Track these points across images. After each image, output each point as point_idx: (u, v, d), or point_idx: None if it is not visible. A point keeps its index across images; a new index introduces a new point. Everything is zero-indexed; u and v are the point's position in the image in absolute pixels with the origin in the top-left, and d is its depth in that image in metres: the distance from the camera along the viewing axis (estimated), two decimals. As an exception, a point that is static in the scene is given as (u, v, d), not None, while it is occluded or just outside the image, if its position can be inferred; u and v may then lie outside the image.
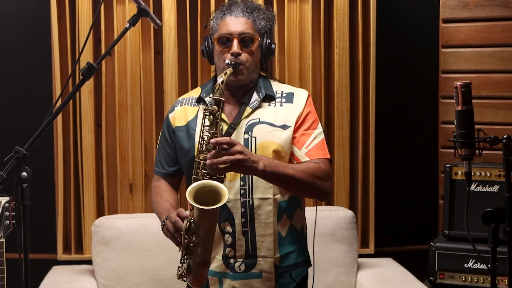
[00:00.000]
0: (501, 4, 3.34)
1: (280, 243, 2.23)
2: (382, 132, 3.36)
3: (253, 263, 2.20)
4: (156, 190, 2.35)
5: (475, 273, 2.99)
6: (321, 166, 2.18)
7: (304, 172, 2.13)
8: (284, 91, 2.29)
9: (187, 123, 2.27)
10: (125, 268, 2.97)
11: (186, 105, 2.31)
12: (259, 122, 2.20)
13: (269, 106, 2.24)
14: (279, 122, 2.21)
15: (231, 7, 2.24)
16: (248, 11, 2.23)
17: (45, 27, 3.14)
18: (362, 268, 3.13)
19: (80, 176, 3.15)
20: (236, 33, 2.19)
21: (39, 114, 2.39)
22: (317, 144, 2.22)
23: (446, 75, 3.45)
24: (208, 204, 1.95)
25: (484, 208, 2.09)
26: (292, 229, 2.26)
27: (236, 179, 2.16)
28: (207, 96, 2.26)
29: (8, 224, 2.04)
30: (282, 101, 2.25)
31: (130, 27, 1.97)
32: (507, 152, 2.05)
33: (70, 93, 1.92)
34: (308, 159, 2.19)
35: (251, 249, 2.19)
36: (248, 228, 2.17)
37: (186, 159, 2.24)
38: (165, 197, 2.30)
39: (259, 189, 2.17)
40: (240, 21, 2.21)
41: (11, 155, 1.75)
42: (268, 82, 2.31)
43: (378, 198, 3.30)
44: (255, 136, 2.18)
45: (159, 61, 3.18)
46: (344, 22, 3.19)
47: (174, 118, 2.31)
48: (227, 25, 2.21)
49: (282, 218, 2.22)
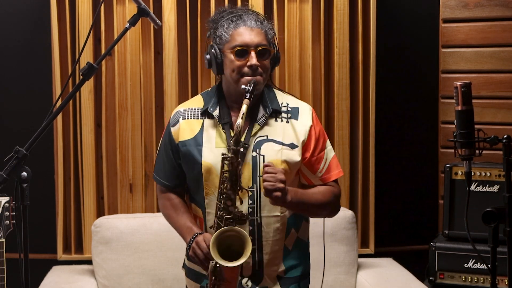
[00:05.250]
0: (501, 4, 3.34)
1: (286, 256, 2.24)
2: (382, 132, 3.36)
3: (259, 279, 2.21)
4: (167, 203, 2.32)
5: (475, 273, 2.99)
6: (334, 189, 2.27)
7: (321, 199, 2.22)
8: (289, 104, 2.27)
9: (194, 137, 2.23)
10: (125, 268, 2.96)
11: (190, 118, 2.26)
12: (266, 139, 2.19)
13: (276, 122, 2.22)
14: (287, 141, 2.20)
15: (242, 17, 2.17)
16: (260, 21, 2.18)
17: (45, 27, 3.14)
18: (362, 268, 3.13)
19: (80, 176, 3.15)
20: (253, 45, 2.14)
21: (39, 114, 2.38)
22: (329, 166, 2.26)
23: (446, 75, 3.45)
24: (230, 249, 2.01)
25: (484, 208, 2.09)
26: (298, 242, 2.28)
27: (245, 197, 2.14)
28: (214, 110, 2.22)
29: (8, 224, 2.04)
30: (288, 116, 2.23)
31: (130, 27, 1.97)
32: (507, 152, 2.05)
33: (70, 93, 1.92)
34: (322, 183, 2.25)
35: (258, 266, 2.20)
36: (255, 246, 2.17)
37: (194, 173, 2.22)
38: (180, 211, 2.29)
39: (266, 207, 2.16)
40: (256, 32, 2.15)
41: (11, 155, 1.75)
42: (272, 92, 2.28)
43: (378, 198, 3.30)
44: (263, 154, 2.17)
45: (159, 61, 3.18)
46: (344, 22, 3.19)
47: (178, 133, 2.25)
48: (242, 36, 2.14)
49: (290, 233, 2.24)
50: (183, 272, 2.41)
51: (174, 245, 2.91)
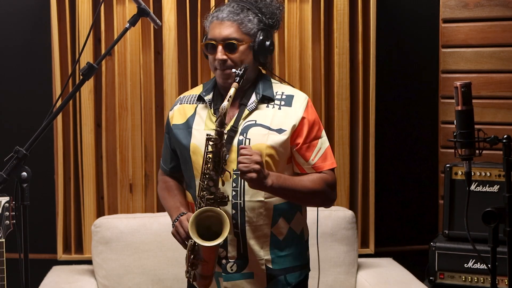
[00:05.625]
0: (501, 4, 3.34)
1: (275, 245, 2.22)
2: (382, 132, 3.36)
3: (245, 264, 2.20)
4: (163, 185, 2.39)
5: (475, 273, 2.99)
6: (327, 177, 2.22)
7: (311, 186, 2.18)
8: (284, 92, 2.26)
9: (186, 121, 2.26)
10: (125, 268, 2.97)
11: (186, 103, 2.31)
12: (255, 124, 2.19)
13: (267, 107, 2.22)
14: (275, 126, 2.19)
15: (220, 10, 2.20)
16: (236, 12, 2.17)
17: (45, 27, 3.14)
18: (362, 268, 3.13)
19: (80, 176, 3.15)
20: (220, 39, 2.16)
21: (39, 114, 2.39)
22: (323, 155, 2.23)
23: (446, 75, 3.45)
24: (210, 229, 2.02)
25: (484, 208, 2.09)
26: (290, 233, 2.25)
27: (228, 181, 2.15)
28: (207, 95, 2.26)
29: (8, 224, 2.04)
30: (281, 103, 2.22)
31: (130, 27, 1.97)
32: (507, 152, 2.05)
33: (70, 93, 1.92)
34: (315, 171, 2.22)
35: (243, 250, 2.19)
36: (238, 230, 2.17)
37: (183, 155, 2.25)
38: (173, 193, 2.33)
39: (250, 191, 2.15)
40: (225, 25, 2.16)
41: (11, 155, 1.75)
42: (268, 82, 2.28)
43: (378, 198, 3.30)
44: (249, 138, 2.17)
45: (159, 61, 3.18)
46: (344, 22, 3.19)
47: (173, 116, 2.32)
48: (213, 30, 2.18)
49: (278, 221, 2.21)
50: (183, 272, 2.40)
51: (174, 245, 2.88)
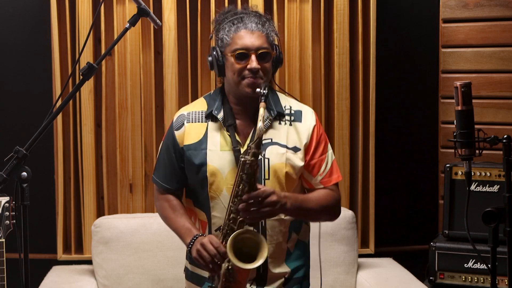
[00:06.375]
0: (501, 4, 3.34)
1: (288, 258, 2.26)
2: (382, 132, 3.36)
3: (264, 282, 2.23)
4: (165, 204, 2.33)
5: (475, 273, 2.98)
6: (334, 194, 2.28)
7: (321, 204, 2.23)
8: (292, 107, 2.28)
9: (199, 141, 2.24)
10: (125, 268, 2.97)
11: (194, 122, 2.27)
12: (271, 143, 2.21)
13: (280, 125, 2.24)
14: (291, 144, 2.22)
15: (244, 19, 2.18)
16: (261, 23, 2.19)
17: (45, 27, 3.14)
18: (362, 268, 3.13)
19: (80, 176, 3.15)
20: (254, 48, 2.16)
21: (39, 114, 2.39)
22: (330, 169, 2.27)
23: (446, 75, 3.45)
24: (242, 251, 2.03)
25: (484, 208, 2.09)
26: (299, 244, 2.29)
27: None
28: (219, 113, 2.23)
29: (8, 224, 2.05)
30: (291, 119, 2.25)
31: (130, 27, 1.97)
32: (507, 152, 2.05)
33: (70, 93, 1.92)
34: (322, 186, 2.26)
35: (262, 269, 2.21)
36: None
37: (198, 176, 2.23)
38: (179, 213, 2.30)
39: None
40: (256, 35, 2.17)
41: (11, 155, 1.75)
42: (275, 95, 2.30)
43: (378, 198, 3.30)
44: (268, 157, 2.19)
45: (159, 61, 3.18)
46: (344, 22, 3.19)
47: (183, 137, 2.26)
48: (243, 39, 2.16)
49: (291, 236, 2.26)
50: (183, 272, 2.41)
51: (174, 245, 2.90)
